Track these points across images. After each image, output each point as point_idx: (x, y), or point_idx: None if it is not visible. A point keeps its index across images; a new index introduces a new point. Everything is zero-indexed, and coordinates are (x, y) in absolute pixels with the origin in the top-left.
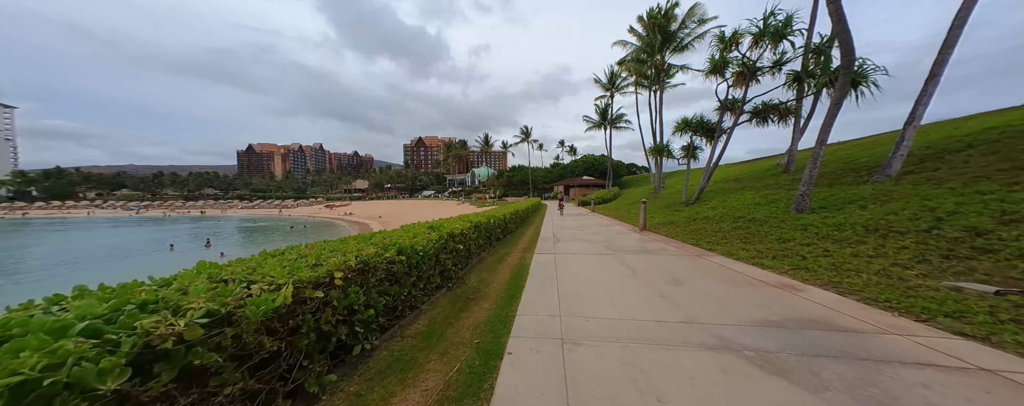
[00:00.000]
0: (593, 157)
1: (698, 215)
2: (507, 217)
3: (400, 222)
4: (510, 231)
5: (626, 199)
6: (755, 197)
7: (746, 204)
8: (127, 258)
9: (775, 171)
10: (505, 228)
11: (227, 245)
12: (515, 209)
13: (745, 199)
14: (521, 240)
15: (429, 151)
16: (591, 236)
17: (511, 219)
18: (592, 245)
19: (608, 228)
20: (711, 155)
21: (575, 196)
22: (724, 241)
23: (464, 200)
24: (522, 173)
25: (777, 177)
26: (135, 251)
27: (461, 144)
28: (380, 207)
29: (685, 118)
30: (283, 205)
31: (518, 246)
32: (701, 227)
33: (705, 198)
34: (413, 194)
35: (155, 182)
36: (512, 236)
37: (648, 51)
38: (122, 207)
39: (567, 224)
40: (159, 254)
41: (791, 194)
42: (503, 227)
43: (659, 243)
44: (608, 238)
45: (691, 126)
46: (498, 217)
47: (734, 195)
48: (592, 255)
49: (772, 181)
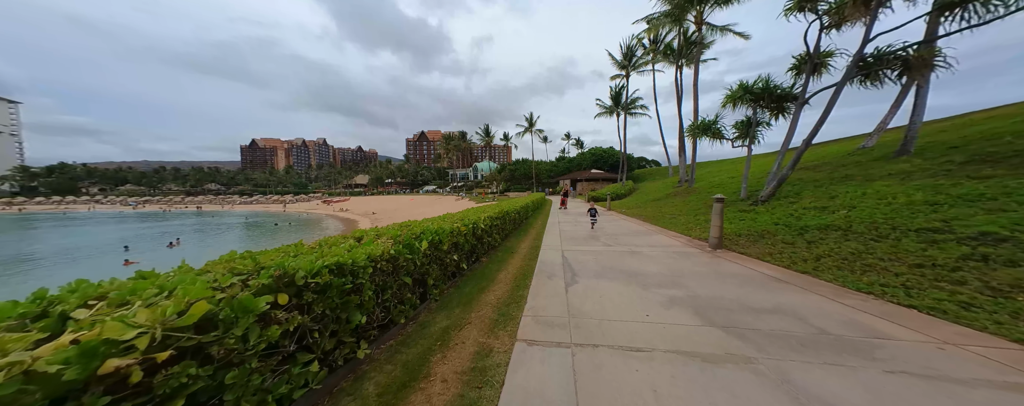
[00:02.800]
0: (601, 149)
1: (797, 221)
2: (483, 226)
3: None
4: (491, 247)
5: (645, 194)
6: (898, 191)
7: (902, 205)
8: (59, 265)
9: (871, 155)
10: (473, 250)
11: (194, 244)
12: (502, 210)
13: (876, 193)
14: (501, 274)
15: (431, 145)
16: (634, 264)
17: (491, 229)
18: (652, 295)
19: (647, 240)
20: (791, 132)
21: (583, 191)
22: (945, 282)
23: (464, 195)
24: (525, 167)
25: (889, 164)
26: (83, 255)
27: (460, 136)
28: (377, 203)
29: (744, 83)
30: (281, 200)
31: (486, 299)
32: (840, 250)
33: (783, 194)
34: (414, 189)
35: (157, 177)
36: (488, 263)
37: (683, 4)
38: (121, 203)
39: (579, 231)
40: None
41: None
42: (474, 245)
43: (796, 289)
44: (671, 270)
45: (753, 93)
46: (457, 230)
47: (831, 188)
48: (681, 358)
49: (890, 169)
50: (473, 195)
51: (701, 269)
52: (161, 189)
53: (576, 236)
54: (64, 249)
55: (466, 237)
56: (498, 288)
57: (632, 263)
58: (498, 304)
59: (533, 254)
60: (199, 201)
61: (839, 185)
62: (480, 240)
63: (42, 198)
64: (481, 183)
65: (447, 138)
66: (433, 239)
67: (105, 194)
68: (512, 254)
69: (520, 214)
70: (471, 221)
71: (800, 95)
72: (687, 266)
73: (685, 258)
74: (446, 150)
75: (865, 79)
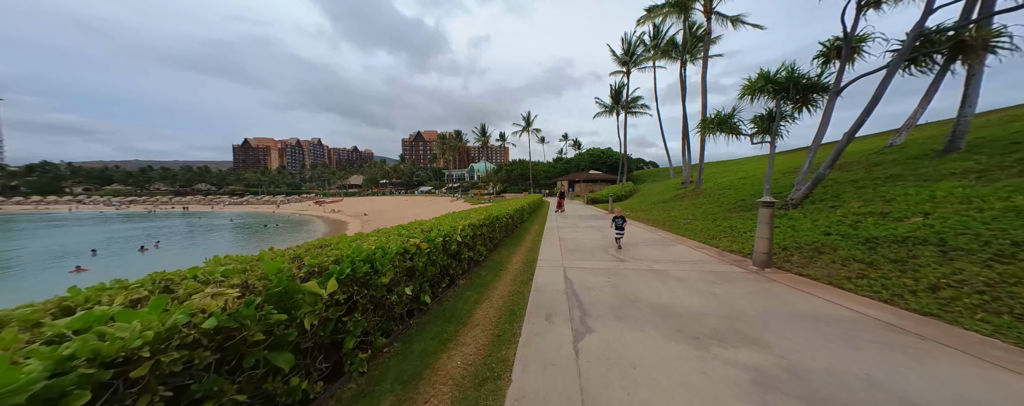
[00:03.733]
0: (599, 150)
1: (854, 231)
2: (461, 237)
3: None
4: (474, 263)
5: (648, 196)
6: (984, 193)
7: (1001, 211)
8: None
9: (906, 153)
10: (444, 272)
11: (173, 247)
12: (490, 215)
13: (952, 197)
14: (480, 310)
15: (428, 146)
16: (663, 292)
17: (473, 240)
18: (716, 365)
19: (668, 252)
20: (824, 126)
21: (581, 192)
22: None
23: (460, 196)
24: (522, 167)
25: (944, 163)
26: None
27: (455, 136)
28: (370, 204)
29: (764, 72)
30: (273, 201)
31: (445, 369)
32: (957, 275)
33: (817, 196)
34: (409, 190)
35: (144, 177)
36: (465, 288)
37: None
38: (105, 203)
39: (582, 239)
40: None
41: None
42: (446, 265)
43: (945, 351)
44: (722, 305)
45: (776, 84)
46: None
47: (879, 189)
48: None
49: (950, 168)
50: (469, 196)
51: (763, 303)
52: (148, 189)
53: (579, 246)
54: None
55: (430, 257)
56: (470, 342)
57: (661, 291)
58: (461, 385)
59: (527, 273)
60: (187, 201)
61: (888, 186)
62: (456, 257)
63: (21, 198)
64: (477, 184)
65: (442, 138)
66: (359, 271)
67: (89, 194)
68: (499, 273)
69: (514, 219)
70: (443, 233)
71: (834, 84)
72: (740, 297)
73: (730, 282)
74: (442, 150)
75: (910, 65)
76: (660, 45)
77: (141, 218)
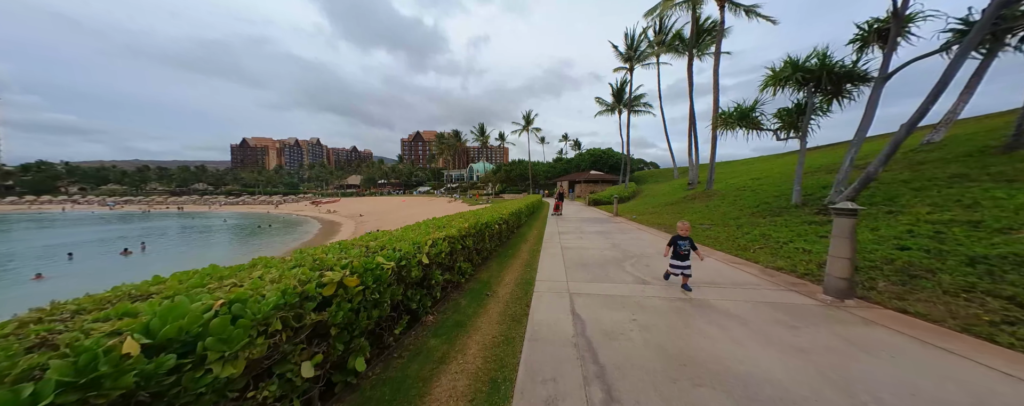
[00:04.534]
0: (600, 151)
1: (942, 245)
2: (437, 255)
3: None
4: (455, 286)
5: (653, 197)
6: None
7: None
8: None
9: (954, 150)
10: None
11: (164, 249)
12: (479, 221)
13: None
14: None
15: (427, 146)
16: (722, 344)
17: (450, 256)
18: None
19: (699, 269)
20: (868, 118)
21: (583, 193)
22: None
23: (458, 197)
24: (522, 167)
25: (1010, 161)
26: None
27: (454, 135)
28: (368, 204)
29: (792, 59)
30: (270, 201)
31: None
32: None
33: (862, 200)
34: (408, 190)
35: (140, 177)
36: (437, 326)
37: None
38: (99, 203)
39: (587, 247)
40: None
41: None
42: (412, 297)
43: None
44: (827, 381)
45: (806, 72)
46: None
47: (942, 192)
48: None
49: (1018, 167)
50: (467, 197)
51: (892, 375)
52: (144, 189)
53: (585, 258)
54: None
55: (382, 291)
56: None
57: (720, 342)
58: None
59: (521, 302)
60: (182, 201)
61: (956, 187)
62: (422, 283)
63: (15, 197)
64: (476, 184)
65: (441, 138)
66: (254, 321)
67: (85, 194)
68: (484, 303)
69: (509, 224)
70: (404, 254)
71: (881, 70)
72: (846, 357)
73: (811, 324)
74: (440, 150)
75: (981, 45)
76: (665, 40)
77: (134, 218)
